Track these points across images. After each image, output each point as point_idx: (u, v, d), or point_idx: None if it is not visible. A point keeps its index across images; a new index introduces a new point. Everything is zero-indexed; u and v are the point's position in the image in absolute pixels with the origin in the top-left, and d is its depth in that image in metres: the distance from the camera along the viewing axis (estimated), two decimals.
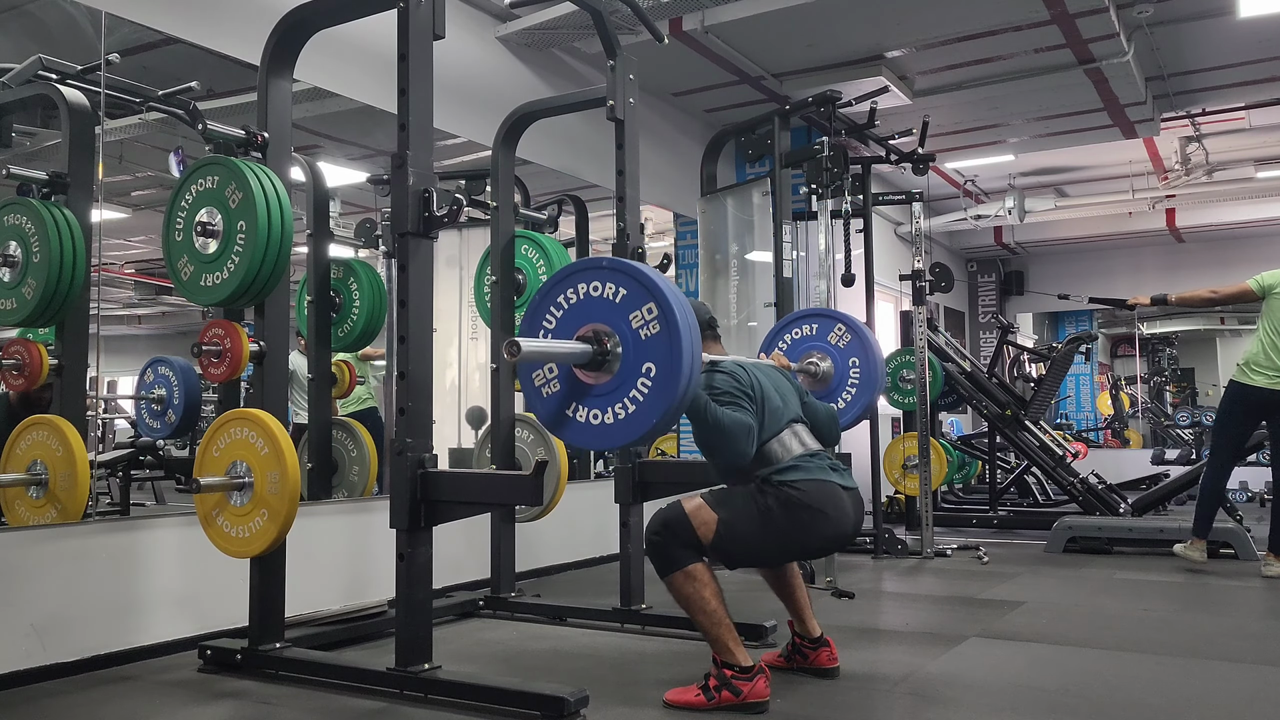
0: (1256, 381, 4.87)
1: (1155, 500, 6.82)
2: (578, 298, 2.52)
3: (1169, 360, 15.02)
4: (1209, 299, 5.38)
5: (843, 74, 6.40)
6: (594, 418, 2.48)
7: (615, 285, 2.46)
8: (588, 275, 2.52)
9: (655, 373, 2.37)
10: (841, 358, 3.68)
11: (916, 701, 2.76)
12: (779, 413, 2.85)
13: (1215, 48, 6.54)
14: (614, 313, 2.45)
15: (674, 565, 2.68)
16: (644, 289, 2.41)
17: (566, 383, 2.53)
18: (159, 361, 4.08)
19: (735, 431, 2.68)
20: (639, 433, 2.42)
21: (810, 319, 3.81)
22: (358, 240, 4.84)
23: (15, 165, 3.43)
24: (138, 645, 3.29)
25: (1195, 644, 3.46)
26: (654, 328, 2.38)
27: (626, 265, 2.49)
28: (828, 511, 2.74)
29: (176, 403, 4.02)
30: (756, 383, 2.85)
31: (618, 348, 2.43)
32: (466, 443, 5.32)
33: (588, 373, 2.48)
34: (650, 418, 2.38)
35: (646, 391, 2.39)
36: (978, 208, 10.50)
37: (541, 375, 2.58)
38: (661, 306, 2.38)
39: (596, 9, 3.76)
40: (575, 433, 2.54)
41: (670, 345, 2.36)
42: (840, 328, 3.71)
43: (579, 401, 2.51)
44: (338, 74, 4.45)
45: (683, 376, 2.35)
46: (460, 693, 2.71)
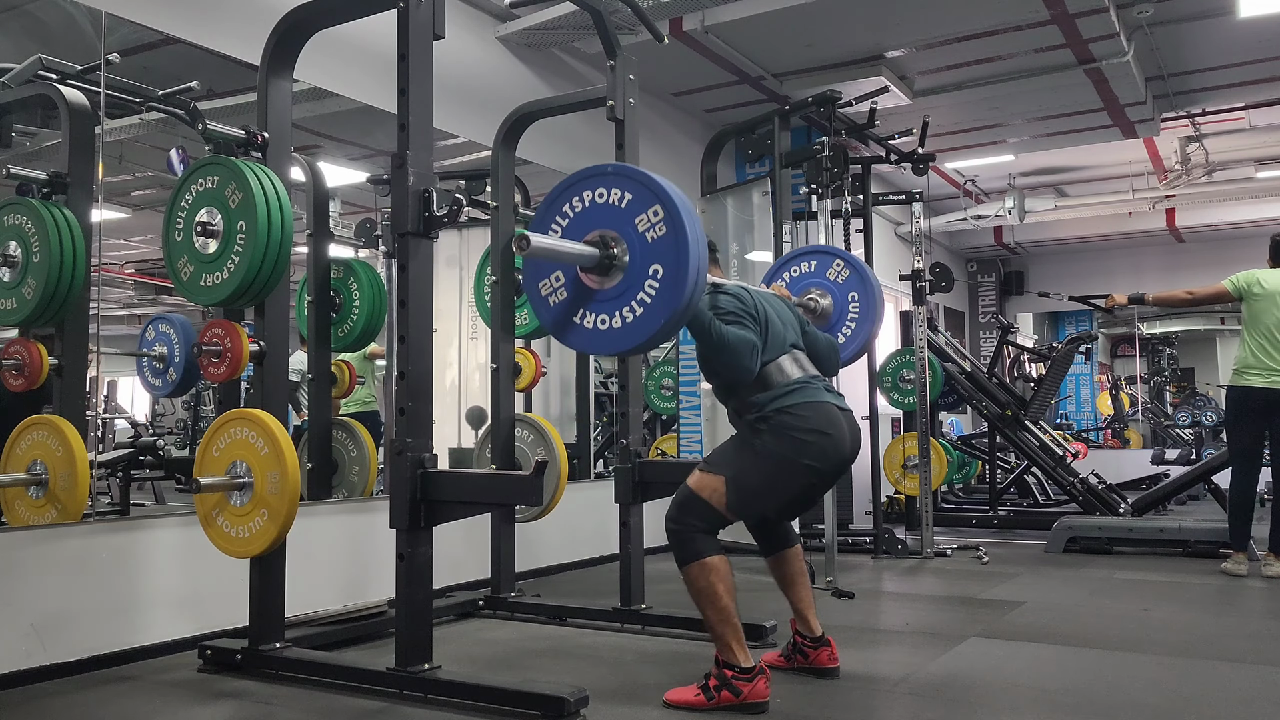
0: (1252, 382, 4.87)
1: (1155, 500, 6.82)
2: (583, 205, 2.51)
3: (1169, 360, 15.02)
4: (1186, 300, 5.37)
5: (843, 74, 6.39)
6: (600, 323, 2.48)
7: (620, 190, 2.46)
8: (593, 182, 2.51)
9: (662, 274, 2.37)
10: (840, 293, 3.66)
11: (916, 701, 2.76)
12: (779, 337, 2.87)
13: (1215, 48, 6.54)
14: (620, 217, 2.45)
15: (694, 555, 2.67)
16: (650, 192, 2.41)
17: (573, 289, 2.52)
18: (160, 319, 4.06)
19: (740, 347, 2.69)
20: (645, 335, 2.42)
21: (809, 256, 3.79)
22: (358, 240, 4.84)
23: (15, 165, 3.43)
24: (138, 645, 3.29)
25: (1195, 644, 3.46)
26: (660, 230, 2.38)
27: (631, 170, 2.49)
28: (828, 432, 2.75)
29: (177, 360, 3.99)
30: (759, 306, 2.87)
31: (625, 253, 2.43)
32: (466, 443, 5.32)
33: (594, 277, 2.48)
34: (657, 319, 2.39)
35: (654, 293, 2.39)
36: (978, 208, 10.50)
37: (548, 284, 2.57)
38: (667, 209, 2.38)
39: (596, 9, 3.76)
40: (581, 338, 2.53)
41: (677, 246, 2.36)
42: (839, 263, 3.70)
43: (585, 307, 2.50)
44: (338, 74, 4.45)
45: (690, 276, 2.34)
46: (460, 693, 2.71)
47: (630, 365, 3.85)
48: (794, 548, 3.04)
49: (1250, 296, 4.95)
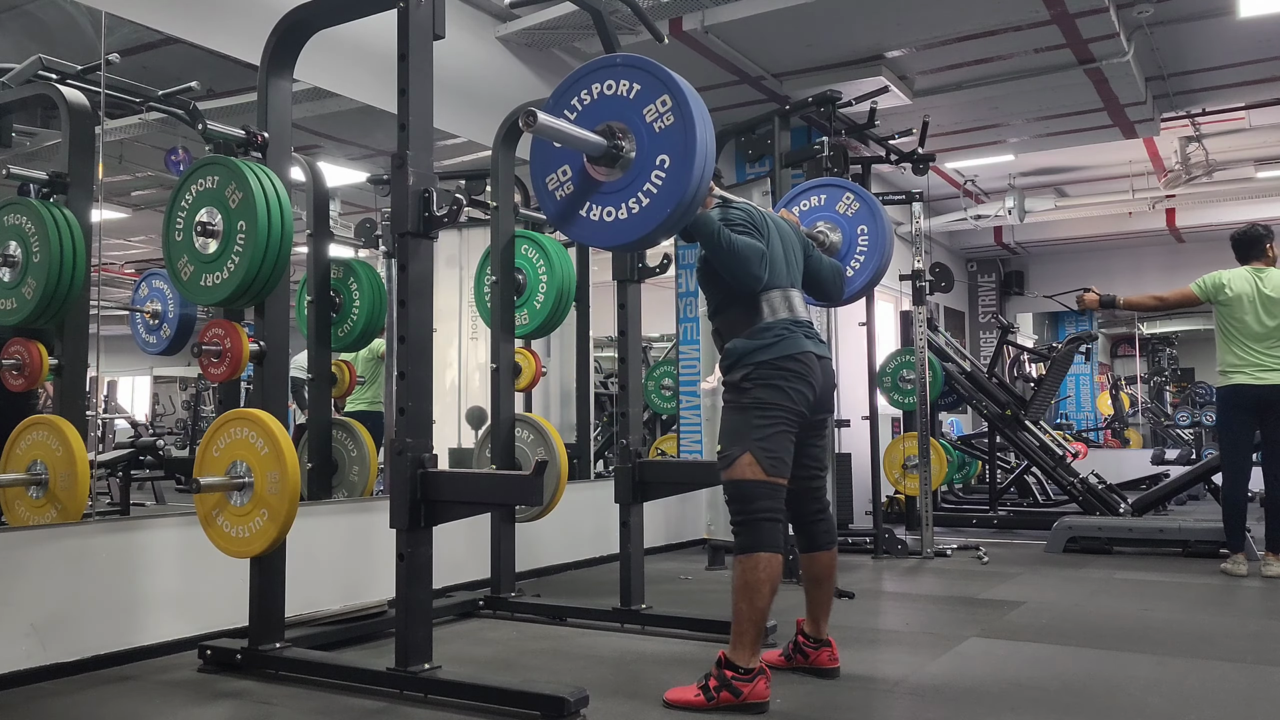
0: (1239, 381, 4.88)
1: (1155, 500, 6.82)
2: (592, 98, 2.50)
3: (1169, 360, 15.02)
4: (1155, 305, 5.40)
5: (843, 74, 6.39)
6: (607, 215, 2.47)
7: (630, 81, 2.44)
8: (601, 74, 2.50)
9: (669, 164, 2.36)
10: (850, 226, 3.66)
11: (916, 701, 2.76)
12: (780, 266, 2.87)
13: (1215, 48, 6.54)
14: (629, 108, 2.44)
15: (756, 545, 2.68)
16: (659, 82, 2.40)
17: (579, 181, 2.51)
18: (154, 275, 4.03)
19: (749, 254, 2.70)
20: (651, 225, 2.41)
21: (819, 189, 3.79)
22: (358, 240, 4.84)
23: (15, 165, 3.43)
24: (138, 645, 3.29)
25: (1195, 644, 3.46)
26: (668, 119, 2.37)
27: (641, 60, 2.47)
28: (807, 379, 2.80)
29: (171, 316, 3.97)
30: (767, 225, 2.88)
31: (632, 145, 2.42)
32: (466, 443, 5.32)
33: (601, 169, 2.47)
34: (664, 209, 2.38)
35: (660, 183, 2.38)
36: (978, 208, 10.49)
37: (555, 178, 2.56)
38: (676, 98, 2.37)
39: (596, 9, 3.76)
40: (586, 230, 2.53)
41: (685, 135, 2.35)
42: (848, 196, 3.70)
43: (591, 199, 2.49)
44: (338, 74, 4.45)
45: (696, 164, 2.33)
46: (460, 693, 2.71)
47: (630, 365, 3.85)
48: (830, 550, 3.04)
49: (1219, 300, 4.96)
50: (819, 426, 2.98)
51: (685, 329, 6.84)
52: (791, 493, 2.89)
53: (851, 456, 6.50)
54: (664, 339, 8.25)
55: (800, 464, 2.92)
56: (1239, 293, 4.92)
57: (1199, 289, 5.06)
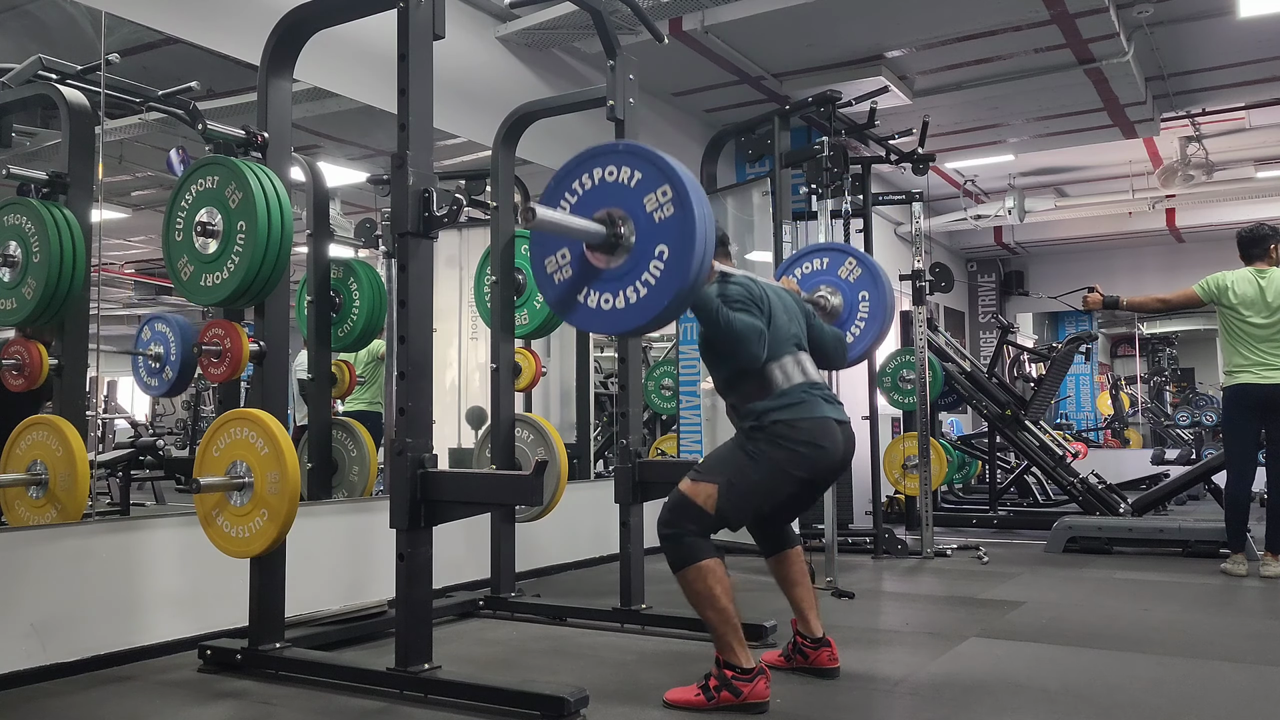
0: (1245, 380, 4.88)
1: (1155, 500, 6.82)
2: (593, 183, 2.50)
3: (1169, 360, 15.02)
4: (1158, 305, 5.38)
5: (843, 74, 6.39)
6: (605, 302, 2.47)
7: (630, 169, 2.45)
8: (603, 160, 2.50)
9: (668, 255, 2.36)
10: (851, 291, 3.66)
11: (916, 701, 2.76)
12: (784, 334, 2.87)
13: (1215, 48, 6.54)
14: (629, 196, 2.43)
15: (688, 559, 2.67)
16: (659, 172, 2.40)
17: (578, 267, 2.52)
18: (157, 318, 4.06)
19: (747, 334, 2.69)
20: (649, 316, 2.41)
21: (821, 253, 3.79)
22: (357, 240, 4.84)
23: (15, 165, 3.43)
24: (138, 645, 3.29)
25: (1195, 644, 3.46)
26: (668, 210, 2.37)
27: (641, 149, 2.48)
28: (823, 444, 2.77)
29: (174, 359, 3.99)
30: (766, 298, 2.87)
31: (631, 233, 2.43)
32: (466, 443, 5.32)
33: (600, 255, 2.47)
34: (661, 300, 2.37)
35: (659, 274, 2.37)
36: (978, 208, 10.49)
37: (554, 261, 2.56)
38: (676, 189, 2.37)
39: (596, 9, 3.76)
40: (585, 317, 2.53)
41: (683, 227, 2.35)
42: (850, 261, 3.69)
43: (590, 286, 2.49)
44: (338, 74, 4.45)
45: (695, 258, 2.33)
46: (460, 693, 2.71)
47: (630, 365, 3.85)
48: (795, 549, 3.05)
49: (1223, 302, 4.96)
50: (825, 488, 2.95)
51: (685, 329, 6.83)
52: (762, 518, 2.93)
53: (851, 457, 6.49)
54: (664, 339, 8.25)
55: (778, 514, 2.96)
56: (1242, 294, 4.91)
57: (1202, 290, 5.05)
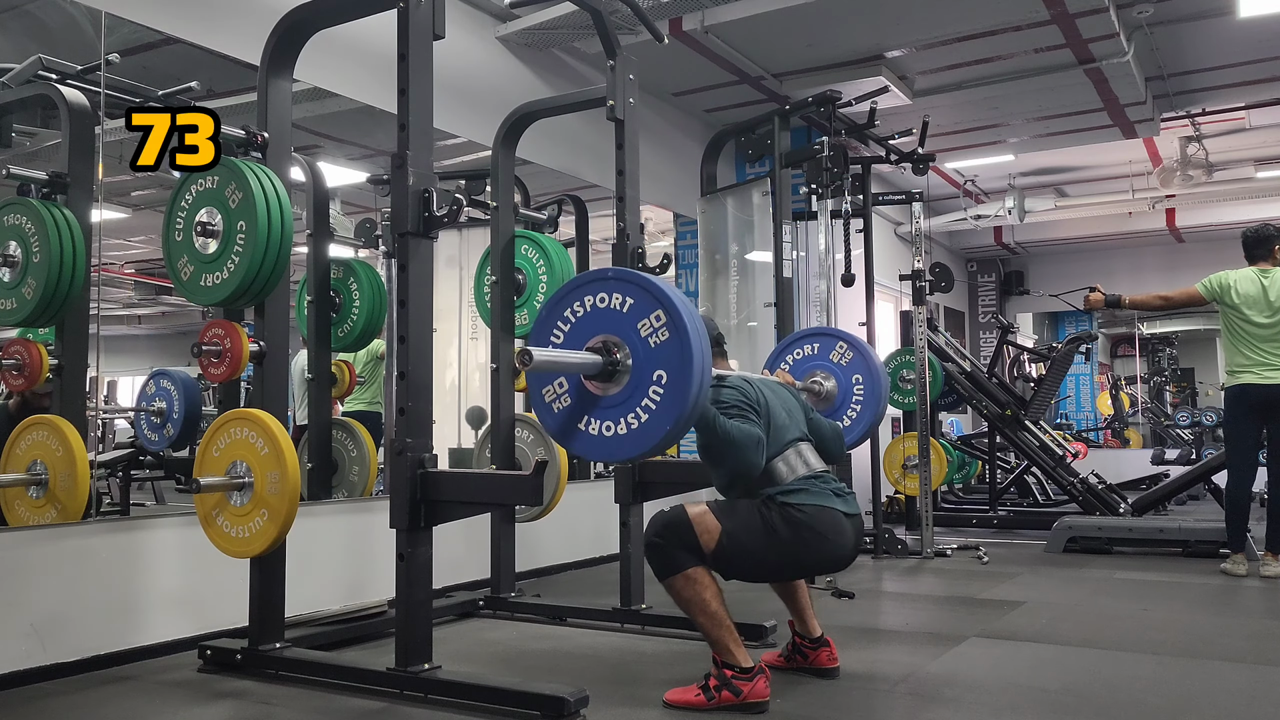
0: (1247, 380, 4.87)
1: (1155, 500, 6.82)
2: (584, 310, 2.51)
3: (1169, 360, 15.01)
4: (1160, 304, 5.36)
5: (843, 74, 6.39)
6: (606, 430, 2.46)
7: (622, 295, 2.45)
8: (594, 287, 2.51)
9: (666, 380, 2.36)
10: (845, 375, 3.68)
11: (916, 701, 2.76)
12: (784, 430, 2.85)
13: (1215, 48, 6.54)
14: (622, 322, 2.44)
15: (674, 568, 2.68)
16: (651, 297, 2.41)
17: (576, 395, 2.51)
18: (161, 374, 4.11)
19: (745, 443, 2.67)
20: (651, 442, 2.40)
21: (811, 338, 3.81)
22: (357, 240, 4.84)
23: (15, 165, 3.43)
24: (138, 645, 3.29)
25: (1195, 644, 3.46)
26: (663, 334, 2.37)
27: (632, 275, 2.48)
28: (829, 536, 2.75)
29: (176, 416, 4.04)
30: (762, 398, 2.86)
31: (628, 358, 2.42)
32: (466, 443, 5.32)
33: (598, 384, 2.47)
34: (663, 426, 2.37)
35: (659, 399, 2.37)
36: (978, 208, 10.49)
37: (552, 391, 2.56)
38: (669, 313, 2.37)
39: (596, 9, 3.76)
40: (586, 445, 2.52)
41: (680, 351, 2.35)
42: (842, 345, 3.72)
43: (590, 414, 2.49)
44: (338, 74, 4.45)
45: (694, 382, 2.33)
46: (460, 693, 2.71)
47: None
48: None
49: (1225, 301, 4.95)
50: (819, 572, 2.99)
51: None
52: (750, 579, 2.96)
53: (851, 456, 6.48)
54: None
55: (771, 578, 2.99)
56: (1245, 294, 4.90)
57: (1205, 289, 5.04)
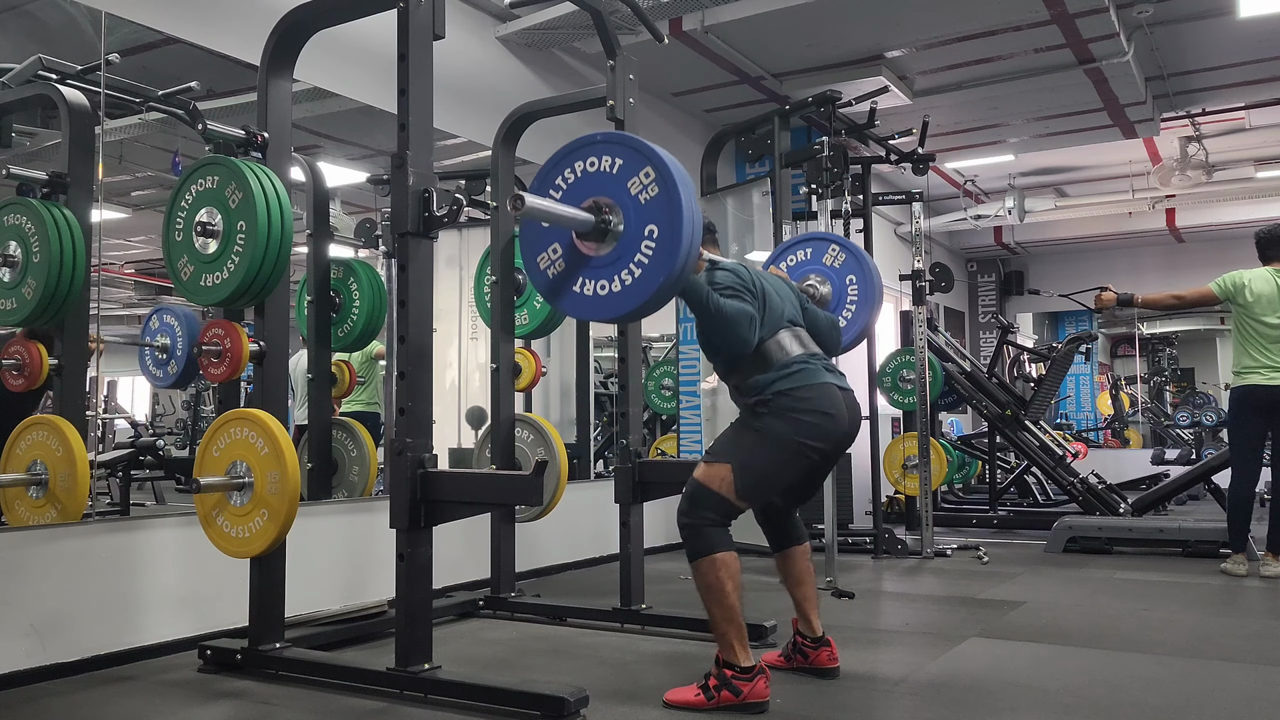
0: (1254, 381, 4.87)
1: (1155, 500, 6.82)
2: (575, 176, 2.56)
3: (1169, 360, 15.01)
4: (1173, 303, 5.32)
5: (843, 74, 6.39)
6: (600, 288, 2.51)
7: (611, 157, 2.52)
8: (584, 152, 2.57)
9: (658, 234, 2.41)
10: (838, 277, 3.68)
11: (916, 701, 2.76)
12: (778, 312, 2.87)
13: (1215, 48, 6.54)
14: (613, 183, 2.50)
15: (707, 549, 2.67)
16: (640, 155, 2.47)
17: (569, 257, 2.57)
18: (164, 310, 4.09)
19: (738, 319, 2.69)
20: (643, 298, 2.45)
21: (804, 243, 3.82)
22: (357, 240, 4.84)
23: (15, 165, 3.43)
24: (138, 645, 3.29)
25: (1195, 644, 3.46)
26: (653, 190, 2.43)
27: (620, 135, 2.56)
28: (829, 411, 2.77)
29: (179, 351, 4.02)
30: (757, 282, 2.88)
31: (620, 219, 2.48)
32: (466, 443, 5.32)
33: (590, 244, 2.52)
34: (654, 281, 2.42)
35: (650, 254, 2.42)
36: (978, 208, 10.49)
37: (546, 258, 2.62)
38: (658, 169, 2.43)
39: (596, 9, 3.76)
40: (580, 305, 2.57)
41: (670, 205, 2.40)
42: (834, 248, 3.73)
43: (582, 274, 2.54)
44: (338, 74, 4.45)
45: (684, 234, 2.38)
46: (460, 693, 2.71)
47: (630, 365, 3.85)
48: (803, 546, 3.04)
49: (1238, 301, 4.93)
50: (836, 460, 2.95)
51: (685, 329, 6.83)
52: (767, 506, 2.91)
53: (851, 456, 6.49)
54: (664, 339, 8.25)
55: (790, 494, 2.95)
56: (1259, 293, 4.87)
57: (1218, 288, 5.01)
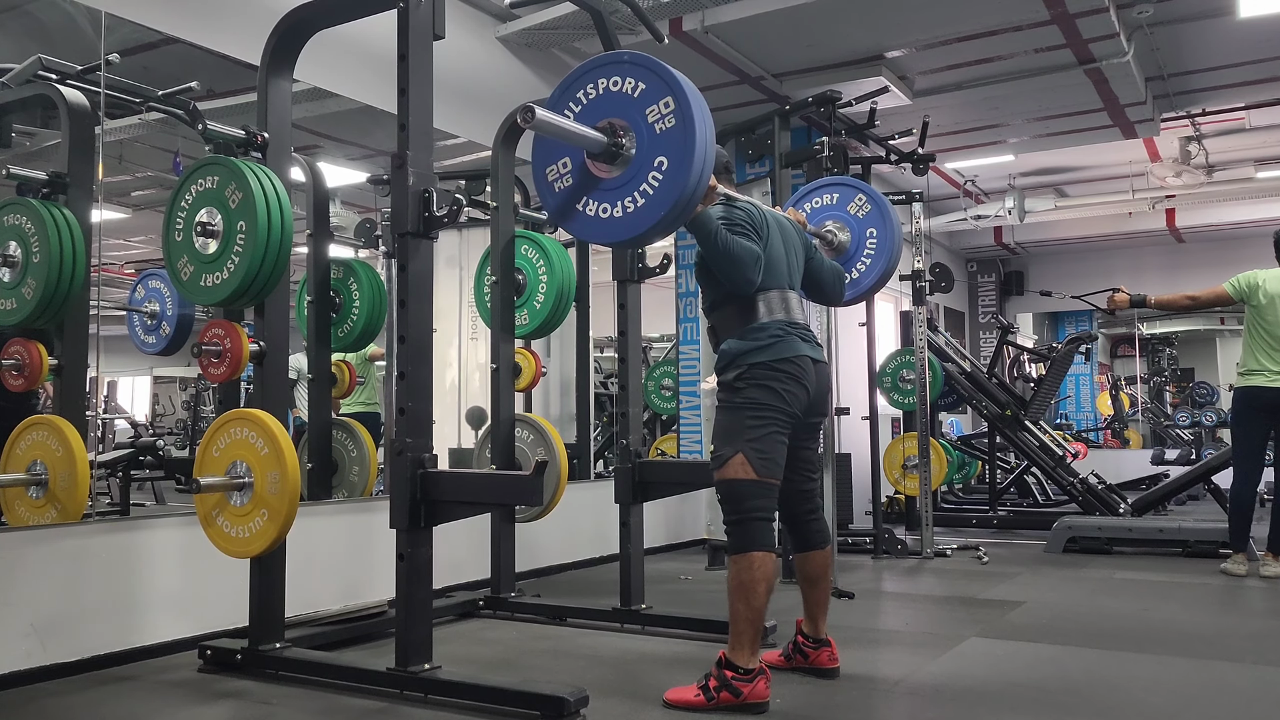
0: (1255, 382, 4.87)
1: (1155, 500, 6.82)
2: (597, 93, 2.52)
3: (1169, 360, 15.01)
4: (1187, 304, 5.30)
5: (843, 74, 6.39)
6: (603, 211, 2.49)
7: (635, 80, 2.46)
8: (608, 70, 2.52)
9: (667, 166, 2.38)
10: (860, 227, 3.63)
11: (916, 701, 2.76)
12: (778, 268, 2.87)
13: (1215, 48, 6.53)
14: (631, 107, 2.46)
15: (746, 545, 2.70)
16: (663, 83, 2.42)
17: (579, 175, 2.54)
18: (151, 275, 4.05)
19: (744, 257, 2.69)
20: (644, 226, 2.43)
21: (831, 187, 3.76)
22: (357, 240, 4.84)
23: (15, 165, 3.43)
24: (138, 645, 3.29)
25: (1195, 644, 3.46)
26: (669, 121, 2.39)
27: (647, 59, 2.49)
28: (803, 382, 2.81)
29: (170, 315, 3.99)
30: (768, 227, 2.88)
31: (632, 141, 2.44)
32: (466, 443, 5.32)
33: (600, 165, 2.49)
34: (658, 210, 2.40)
35: (657, 184, 2.40)
36: (978, 208, 10.49)
37: (555, 170, 2.59)
38: (679, 100, 2.39)
39: (596, 9, 3.76)
40: (583, 226, 2.55)
41: (684, 138, 2.37)
42: (861, 197, 3.67)
43: (589, 195, 2.52)
44: (338, 74, 4.45)
45: (693, 170, 2.35)
46: (460, 693, 2.71)
47: (630, 365, 3.85)
48: (824, 550, 3.05)
49: (1252, 301, 4.92)
50: (812, 430, 3.01)
51: (685, 329, 6.84)
52: (784, 494, 2.90)
53: (851, 456, 6.50)
54: (664, 339, 8.25)
55: (793, 467, 2.92)
56: (1273, 293, 4.86)
57: (1232, 288, 4.99)
